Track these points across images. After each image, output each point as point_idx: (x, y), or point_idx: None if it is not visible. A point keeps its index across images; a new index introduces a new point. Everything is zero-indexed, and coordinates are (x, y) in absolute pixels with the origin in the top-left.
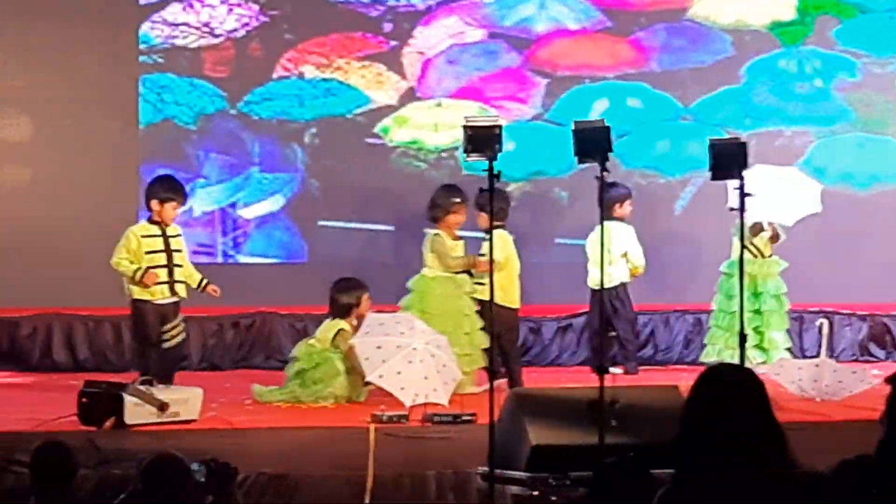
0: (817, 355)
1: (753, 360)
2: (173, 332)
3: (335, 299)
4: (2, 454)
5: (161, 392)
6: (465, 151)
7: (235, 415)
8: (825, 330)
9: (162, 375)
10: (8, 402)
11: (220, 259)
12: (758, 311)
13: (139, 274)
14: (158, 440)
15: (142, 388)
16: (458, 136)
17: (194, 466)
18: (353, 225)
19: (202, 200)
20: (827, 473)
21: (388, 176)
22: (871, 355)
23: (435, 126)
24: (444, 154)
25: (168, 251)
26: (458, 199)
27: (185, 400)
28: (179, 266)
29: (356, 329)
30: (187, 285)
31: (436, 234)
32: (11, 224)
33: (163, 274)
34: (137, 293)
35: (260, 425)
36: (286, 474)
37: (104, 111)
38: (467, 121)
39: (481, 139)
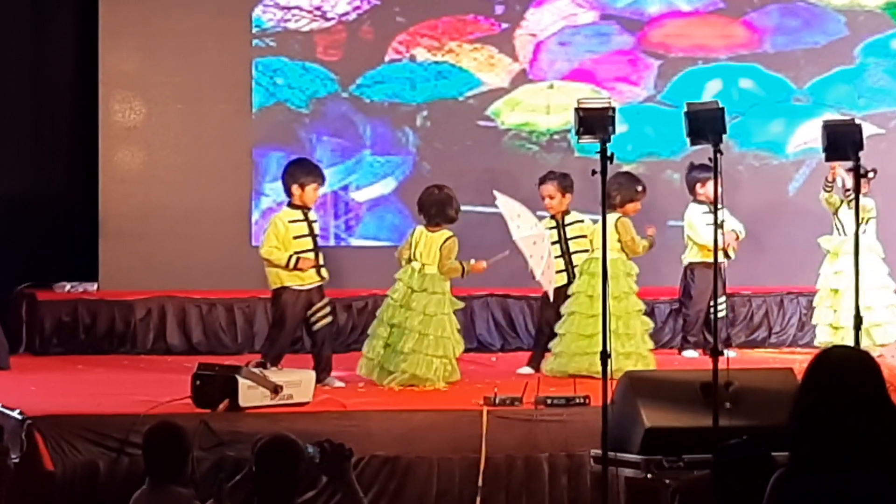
0: None
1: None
2: (320, 314)
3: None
4: (117, 436)
5: (274, 374)
6: (578, 133)
7: (348, 397)
8: None
9: (318, 358)
10: (123, 385)
11: (332, 242)
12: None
13: (293, 261)
14: (272, 422)
15: (255, 370)
16: (570, 118)
17: (309, 448)
18: (464, 208)
19: None
20: None
21: (500, 158)
22: None
23: (547, 108)
24: (556, 136)
25: (313, 235)
26: (640, 188)
27: (298, 382)
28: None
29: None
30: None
31: (622, 218)
32: (125, 208)
33: (311, 258)
34: (287, 280)
35: (373, 408)
36: (399, 457)
37: (218, 95)
38: (579, 103)
39: (594, 121)
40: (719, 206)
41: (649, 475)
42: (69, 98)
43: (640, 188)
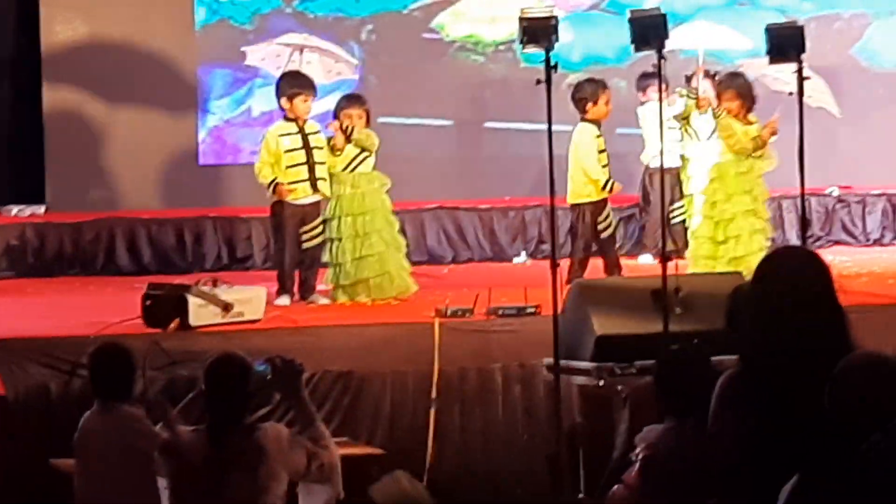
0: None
1: None
2: (313, 233)
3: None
4: (68, 359)
5: (225, 292)
6: (522, 43)
7: (300, 314)
8: None
9: (303, 277)
10: (73, 308)
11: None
12: None
13: (270, 187)
14: (224, 341)
15: (205, 288)
16: (515, 28)
17: (260, 365)
18: (412, 121)
19: (260, 100)
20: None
21: (447, 71)
22: None
23: (492, 19)
24: (501, 47)
25: (307, 148)
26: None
27: (249, 300)
28: (322, 163)
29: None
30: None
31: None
32: (71, 130)
33: (303, 171)
34: (279, 194)
35: (324, 323)
36: (352, 371)
37: (160, 14)
38: (523, 12)
39: (537, 30)
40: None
41: (601, 382)
42: (11, 18)
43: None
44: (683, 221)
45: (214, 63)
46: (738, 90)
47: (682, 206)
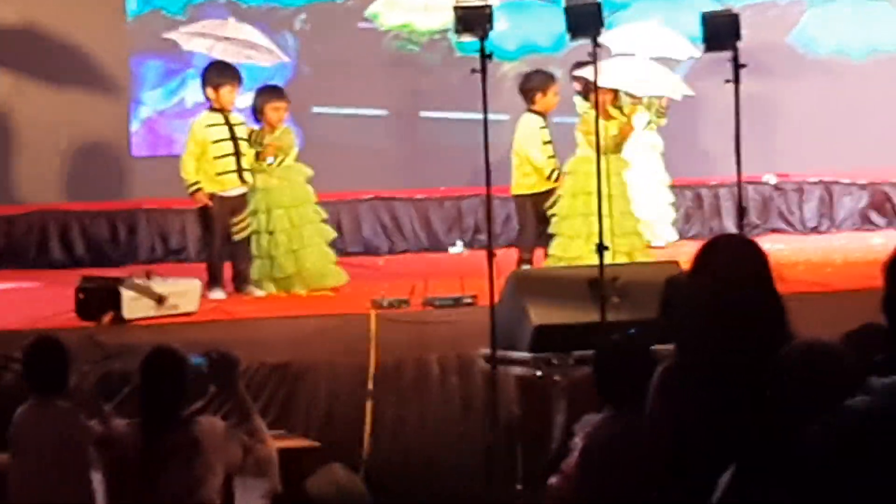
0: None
1: None
2: (243, 224)
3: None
4: (0, 353)
5: (159, 285)
6: (457, 32)
7: (235, 306)
8: None
9: (237, 269)
10: (6, 301)
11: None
12: None
13: (191, 189)
14: (159, 333)
15: (139, 281)
16: (450, 17)
17: (196, 358)
18: (347, 111)
19: (194, 91)
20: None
21: (381, 60)
22: (872, 224)
23: (426, 7)
24: (436, 36)
25: (234, 139)
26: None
27: (184, 292)
28: (245, 154)
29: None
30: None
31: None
32: (2, 123)
33: (231, 163)
34: (207, 186)
35: (260, 315)
36: (288, 363)
37: (90, 4)
38: (458, 1)
39: (472, 19)
40: None
41: (539, 373)
42: None
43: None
44: None
45: (147, 54)
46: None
47: None
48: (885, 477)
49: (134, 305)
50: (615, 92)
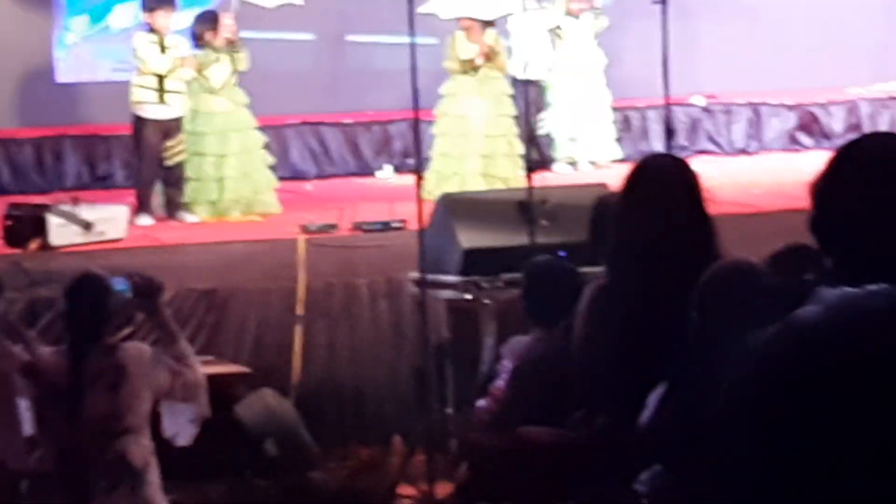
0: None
1: None
2: (176, 149)
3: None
4: None
5: (85, 211)
6: None
7: (162, 232)
8: None
9: (169, 194)
10: None
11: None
12: None
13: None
14: (85, 260)
15: (66, 208)
16: None
17: (120, 284)
18: (273, 35)
19: (120, 16)
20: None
21: None
22: (801, 144)
23: None
24: None
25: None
26: None
27: (111, 218)
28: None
29: None
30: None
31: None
32: None
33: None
34: (143, 110)
35: (187, 241)
36: (216, 289)
37: None
38: None
39: None
40: None
41: (468, 296)
42: None
43: None
44: (549, 133)
45: None
46: None
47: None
48: (832, 394)
49: (61, 232)
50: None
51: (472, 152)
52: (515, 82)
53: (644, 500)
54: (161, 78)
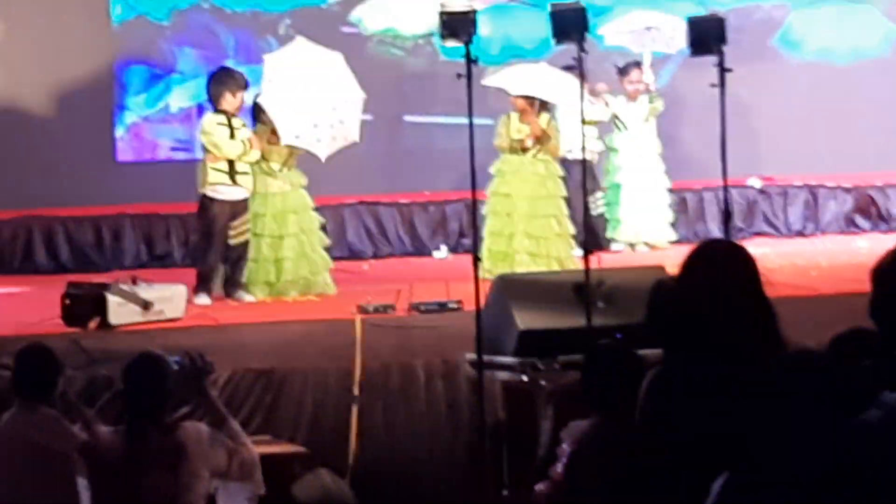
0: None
1: None
2: (241, 229)
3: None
4: None
5: (144, 290)
6: (441, 37)
7: (221, 311)
8: None
9: (229, 273)
10: None
11: (199, 155)
12: None
13: (245, 146)
14: (144, 339)
15: (125, 287)
16: (434, 21)
17: (173, 362)
18: None
19: (179, 96)
20: (819, 349)
21: (366, 65)
22: (857, 227)
23: (410, 12)
24: (420, 41)
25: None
26: None
27: (169, 298)
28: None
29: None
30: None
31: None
32: None
33: (234, 166)
34: (211, 190)
35: (245, 321)
36: (273, 369)
37: (77, 9)
38: (442, 6)
39: (457, 24)
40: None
41: (524, 377)
42: None
43: None
44: (603, 214)
45: (132, 59)
46: None
47: (602, 198)
48: (890, 495)
49: (120, 311)
50: (529, 98)
51: (518, 231)
52: (566, 162)
53: None
54: (232, 160)
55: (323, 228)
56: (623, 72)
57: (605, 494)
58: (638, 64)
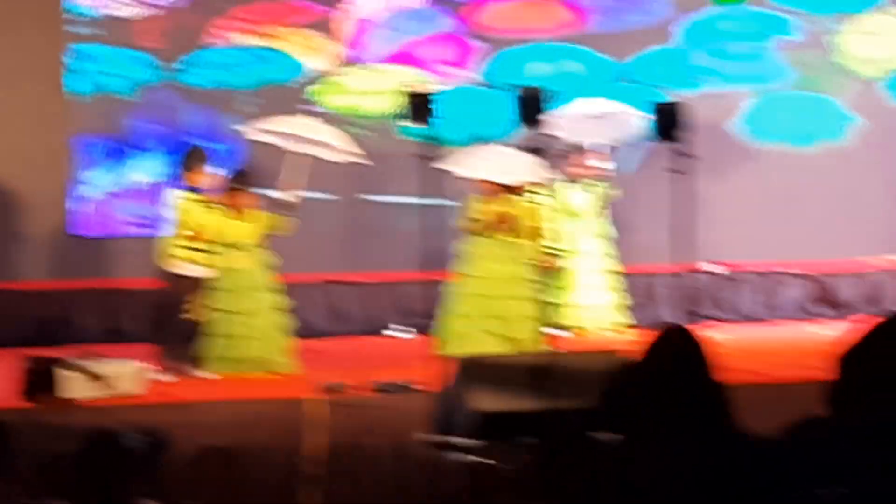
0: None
1: None
2: (200, 305)
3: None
4: None
5: (97, 365)
6: (403, 118)
7: (181, 388)
8: None
9: (189, 349)
10: None
11: (163, 231)
12: None
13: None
14: (104, 415)
15: (76, 361)
16: (395, 102)
17: (132, 441)
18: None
19: (137, 172)
20: (776, 436)
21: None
22: (811, 314)
23: (371, 92)
24: (380, 120)
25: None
26: None
27: (123, 373)
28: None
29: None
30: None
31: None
32: None
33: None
34: (170, 265)
35: (205, 398)
36: (230, 446)
37: (34, 82)
38: (404, 87)
39: (417, 105)
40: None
41: (482, 458)
42: None
43: None
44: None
45: (89, 133)
46: None
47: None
48: None
49: (71, 385)
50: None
51: (488, 314)
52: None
53: None
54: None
55: (283, 309)
56: (565, 155)
57: None
58: (581, 148)
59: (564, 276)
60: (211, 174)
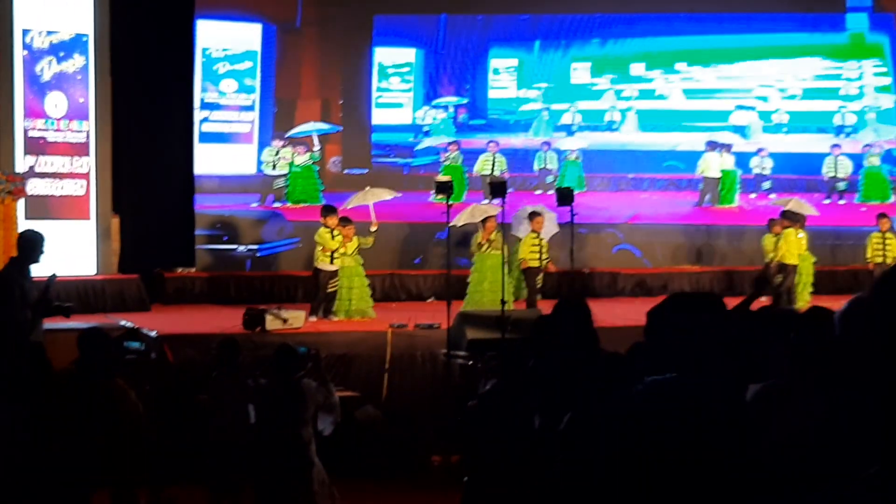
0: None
1: None
2: (334, 284)
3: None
4: (198, 347)
5: (284, 313)
6: None
7: (322, 325)
8: None
9: (326, 307)
10: (206, 318)
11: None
12: None
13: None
14: (282, 337)
15: (274, 311)
16: None
17: (302, 350)
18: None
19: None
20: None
21: None
22: None
23: None
24: None
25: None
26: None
27: (297, 317)
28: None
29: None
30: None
31: None
32: None
33: (329, 255)
34: (319, 264)
35: (334, 329)
36: (345, 354)
37: None
38: None
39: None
40: None
41: (471, 362)
42: None
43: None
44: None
45: None
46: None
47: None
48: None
49: (271, 323)
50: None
51: (487, 289)
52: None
53: None
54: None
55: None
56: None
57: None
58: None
59: None
60: (334, 218)
